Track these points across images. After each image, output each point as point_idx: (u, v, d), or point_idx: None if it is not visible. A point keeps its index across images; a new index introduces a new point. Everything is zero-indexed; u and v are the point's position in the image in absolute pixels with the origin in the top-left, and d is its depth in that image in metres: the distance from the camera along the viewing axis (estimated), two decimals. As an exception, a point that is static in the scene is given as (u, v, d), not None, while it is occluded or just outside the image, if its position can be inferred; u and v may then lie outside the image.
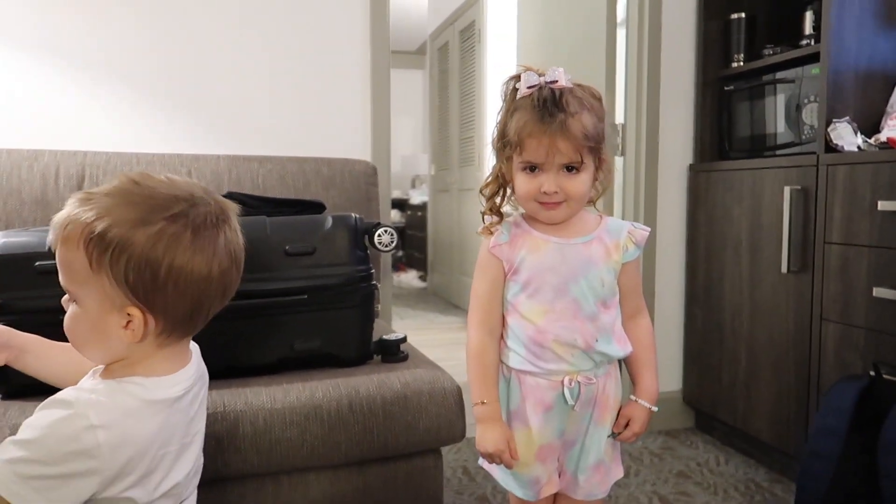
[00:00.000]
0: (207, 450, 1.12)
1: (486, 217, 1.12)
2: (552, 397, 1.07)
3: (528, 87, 1.01)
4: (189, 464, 0.89)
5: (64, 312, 0.84)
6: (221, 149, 1.88)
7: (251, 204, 1.43)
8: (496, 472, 1.12)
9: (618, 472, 1.16)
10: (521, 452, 1.08)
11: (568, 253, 1.06)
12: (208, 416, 1.13)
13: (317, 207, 1.47)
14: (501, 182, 1.09)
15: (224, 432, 1.15)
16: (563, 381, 1.06)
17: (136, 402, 0.81)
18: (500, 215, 1.10)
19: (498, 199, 1.10)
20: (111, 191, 0.82)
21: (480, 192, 1.12)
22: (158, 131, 1.90)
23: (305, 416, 1.19)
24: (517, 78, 1.05)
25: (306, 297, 1.31)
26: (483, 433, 1.06)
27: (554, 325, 1.05)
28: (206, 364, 1.26)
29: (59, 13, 1.81)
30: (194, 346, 0.97)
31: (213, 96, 1.94)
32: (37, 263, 1.17)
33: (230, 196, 1.45)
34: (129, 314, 0.80)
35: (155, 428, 0.82)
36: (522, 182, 1.03)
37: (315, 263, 1.33)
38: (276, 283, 1.30)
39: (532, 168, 1.02)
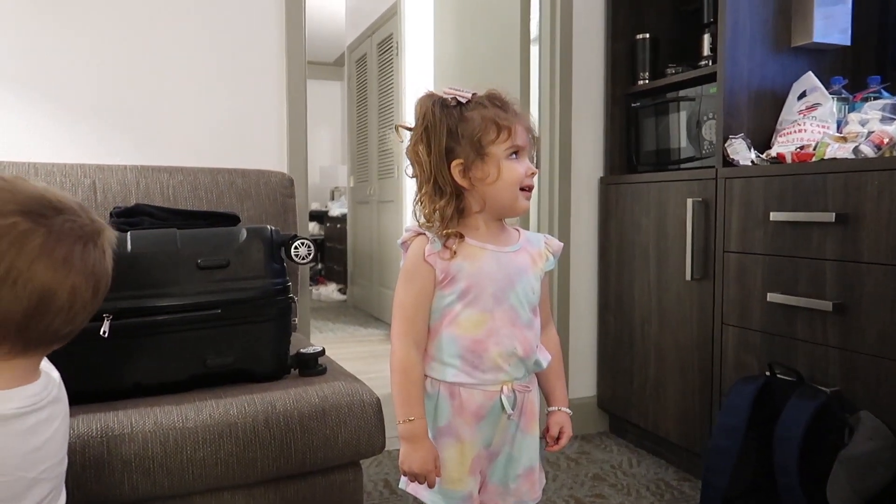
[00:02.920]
0: (114, 473, 1.08)
1: (431, 234, 1.06)
2: (487, 408, 1.07)
3: (472, 94, 1.06)
4: None
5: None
6: (129, 159, 1.81)
7: (161, 216, 1.39)
8: (425, 493, 1.06)
9: (543, 479, 1.18)
10: (455, 469, 1.06)
11: (503, 261, 1.08)
12: (114, 437, 1.09)
13: (230, 220, 1.44)
14: (455, 193, 1.06)
15: (132, 454, 1.10)
16: (500, 390, 1.06)
17: None
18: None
19: (449, 212, 1.05)
20: None
21: (431, 215, 1.06)
22: (60, 140, 1.80)
23: (219, 434, 1.16)
24: (440, 95, 1.06)
25: (220, 311, 1.27)
26: (409, 452, 1.02)
27: (494, 334, 1.05)
28: (113, 383, 1.22)
29: (-52, 14, 1.70)
30: (50, 370, 0.89)
31: (120, 103, 1.86)
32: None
33: (138, 208, 1.41)
34: None
35: None
36: (512, 168, 1.05)
37: (229, 277, 1.30)
38: (188, 297, 1.26)
39: (516, 153, 1.05)
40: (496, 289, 1.06)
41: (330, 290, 5.96)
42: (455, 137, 1.04)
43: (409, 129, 1.09)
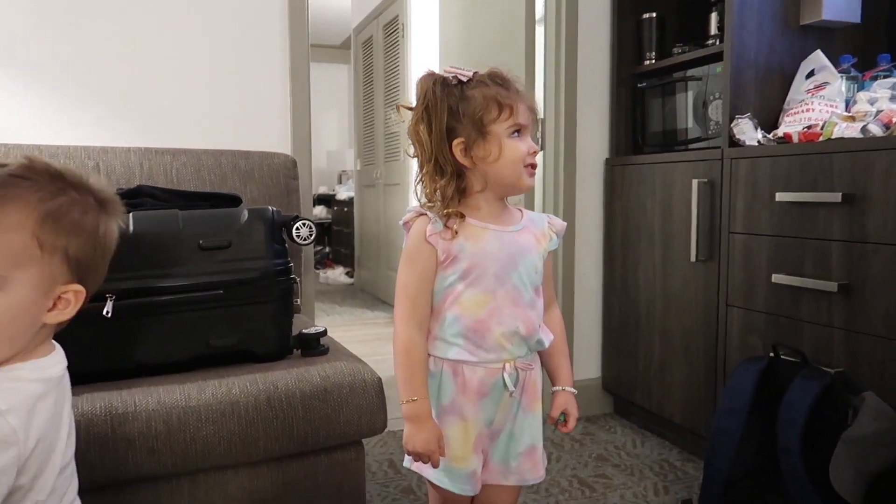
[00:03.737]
0: (118, 451, 1.09)
1: (433, 213, 1.06)
2: (489, 385, 1.07)
3: (473, 72, 1.06)
4: (68, 457, 0.85)
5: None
6: (133, 141, 1.81)
7: (163, 198, 1.39)
8: (429, 471, 1.07)
9: (545, 459, 1.18)
10: (458, 447, 1.07)
11: (506, 240, 1.08)
12: (118, 416, 1.11)
13: (232, 201, 1.44)
14: (455, 173, 1.06)
15: (136, 433, 1.11)
16: (503, 368, 1.07)
17: (33, 385, 0.78)
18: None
19: (449, 192, 1.05)
20: (30, 168, 0.81)
21: (432, 195, 1.06)
22: (63, 122, 1.81)
23: (222, 412, 1.17)
24: (439, 75, 1.06)
25: (222, 292, 1.28)
26: (413, 432, 1.03)
27: (496, 314, 1.05)
28: (116, 363, 1.24)
29: (-50, -4, 1.70)
30: None
31: (123, 86, 1.86)
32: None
33: (140, 189, 1.42)
34: (64, 292, 0.80)
35: (49, 410, 0.79)
36: (514, 146, 1.04)
37: (231, 258, 1.30)
38: (190, 278, 1.26)
39: (518, 132, 1.05)
40: (498, 268, 1.06)
41: (337, 274, 5.98)
42: (456, 116, 1.04)
43: (410, 109, 1.08)
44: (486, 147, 1.04)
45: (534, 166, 1.08)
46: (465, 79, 1.05)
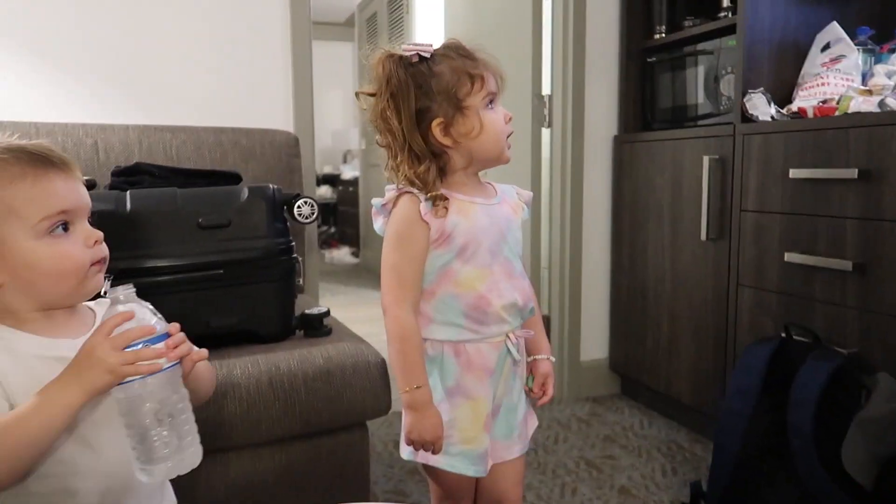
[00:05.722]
0: (116, 433, 1.07)
1: (419, 195, 1.02)
2: (494, 359, 1.05)
3: (432, 47, 1.02)
4: None
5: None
6: (132, 118, 1.78)
7: (161, 175, 1.37)
8: (439, 459, 1.03)
9: (534, 421, 1.18)
10: (469, 427, 1.04)
11: (493, 213, 1.06)
12: (116, 398, 1.08)
13: (232, 178, 1.41)
14: (432, 154, 1.02)
15: (135, 414, 1.09)
16: (507, 339, 1.05)
17: None
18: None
19: (430, 178, 1.01)
20: None
21: (412, 177, 1.01)
22: (61, 99, 1.77)
23: (223, 394, 1.15)
24: (398, 54, 1.02)
25: (222, 271, 1.26)
26: (418, 420, 0.99)
27: (495, 288, 1.04)
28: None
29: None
30: None
31: (122, 62, 1.83)
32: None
33: (138, 167, 1.39)
34: None
35: None
36: (494, 118, 1.03)
37: (231, 236, 1.27)
38: (189, 257, 1.24)
39: (491, 101, 1.03)
40: (491, 242, 1.05)
41: (343, 254, 5.96)
42: (429, 95, 1.00)
43: (371, 95, 1.04)
44: (466, 123, 1.01)
45: (510, 135, 1.06)
46: (427, 54, 1.01)
